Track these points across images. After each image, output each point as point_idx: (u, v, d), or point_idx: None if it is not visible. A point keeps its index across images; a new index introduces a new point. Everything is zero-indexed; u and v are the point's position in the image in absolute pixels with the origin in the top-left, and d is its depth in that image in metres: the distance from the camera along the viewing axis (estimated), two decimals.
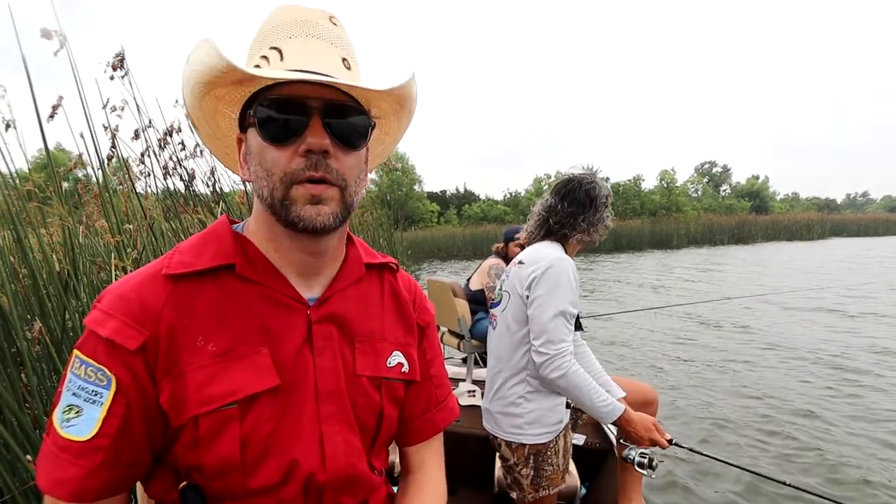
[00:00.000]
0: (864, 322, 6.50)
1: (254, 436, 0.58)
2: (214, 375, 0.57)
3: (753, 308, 7.70)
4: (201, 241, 0.63)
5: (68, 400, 0.55)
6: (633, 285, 11.08)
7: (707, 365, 4.86)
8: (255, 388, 0.58)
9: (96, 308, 0.57)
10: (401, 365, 0.72)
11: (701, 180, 45.88)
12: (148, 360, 0.55)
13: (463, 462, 2.20)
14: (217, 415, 0.56)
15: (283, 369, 0.60)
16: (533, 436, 1.49)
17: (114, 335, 0.54)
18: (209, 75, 0.56)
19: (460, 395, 2.80)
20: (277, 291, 0.62)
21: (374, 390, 0.68)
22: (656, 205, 34.83)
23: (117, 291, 0.57)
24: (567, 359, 1.39)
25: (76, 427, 0.53)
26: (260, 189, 0.59)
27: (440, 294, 3.18)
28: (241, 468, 0.58)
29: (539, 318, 1.41)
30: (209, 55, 0.54)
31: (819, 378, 4.42)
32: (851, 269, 12.65)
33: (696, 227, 27.83)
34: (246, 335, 0.59)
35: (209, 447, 0.56)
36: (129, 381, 0.55)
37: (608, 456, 2.26)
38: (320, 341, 0.64)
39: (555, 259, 1.45)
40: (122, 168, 1.86)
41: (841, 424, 3.50)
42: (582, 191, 1.56)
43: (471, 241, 24.32)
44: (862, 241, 26.63)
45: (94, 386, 0.54)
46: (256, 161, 0.59)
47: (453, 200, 38.99)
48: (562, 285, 1.42)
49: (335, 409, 0.64)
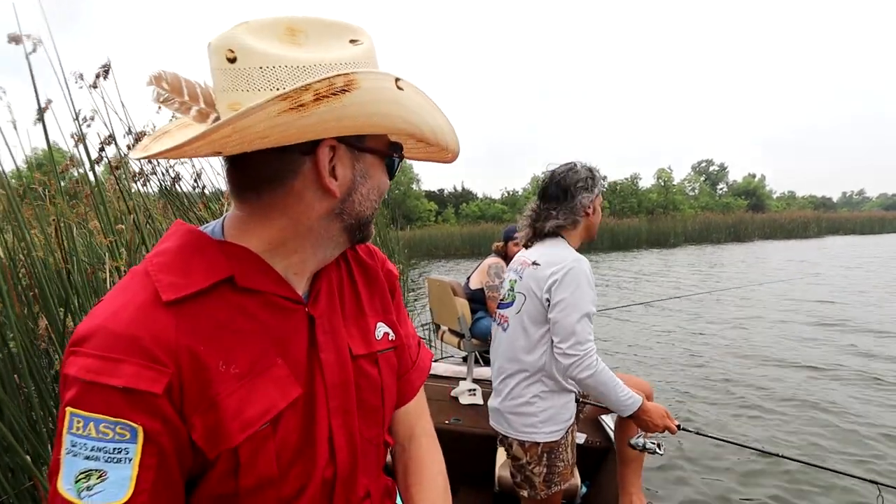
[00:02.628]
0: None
1: (285, 448, 0.59)
2: (245, 398, 0.55)
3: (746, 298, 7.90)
4: (182, 257, 0.57)
5: (81, 466, 0.47)
6: (630, 281, 11.13)
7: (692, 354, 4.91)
8: (283, 402, 0.58)
9: (82, 355, 0.49)
10: (387, 334, 0.74)
11: (698, 179, 46.08)
12: (174, 399, 0.51)
13: (463, 461, 2.20)
14: (256, 437, 0.55)
15: (298, 375, 0.60)
16: (546, 433, 1.52)
17: (132, 382, 0.48)
18: (431, 133, 0.60)
19: (460, 393, 2.80)
20: (276, 296, 0.60)
21: (372, 367, 0.70)
22: (653, 203, 34.88)
23: (114, 330, 0.49)
24: (594, 357, 1.43)
25: (105, 493, 0.47)
26: (364, 209, 0.63)
27: (440, 293, 3.18)
28: (279, 481, 0.58)
29: (565, 320, 1.44)
30: (442, 121, 0.61)
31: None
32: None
33: (693, 225, 27.87)
34: (259, 349, 0.58)
35: (249, 470, 0.55)
36: (159, 427, 0.49)
37: (608, 454, 2.26)
38: (322, 336, 0.64)
39: (573, 261, 1.48)
40: (110, 171, 1.85)
41: (845, 404, 3.66)
42: (554, 184, 1.60)
43: (468, 240, 24.29)
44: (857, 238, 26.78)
45: (115, 443, 0.48)
46: (373, 184, 0.63)
47: (451, 199, 38.99)
48: (582, 286, 1.45)
49: (340, 402, 0.64)
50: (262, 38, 0.53)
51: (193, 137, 0.47)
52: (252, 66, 0.51)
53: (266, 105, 0.46)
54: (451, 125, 0.64)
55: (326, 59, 0.53)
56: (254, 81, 0.51)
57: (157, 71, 0.54)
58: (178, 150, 0.50)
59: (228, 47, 0.52)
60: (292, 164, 0.56)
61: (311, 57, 0.53)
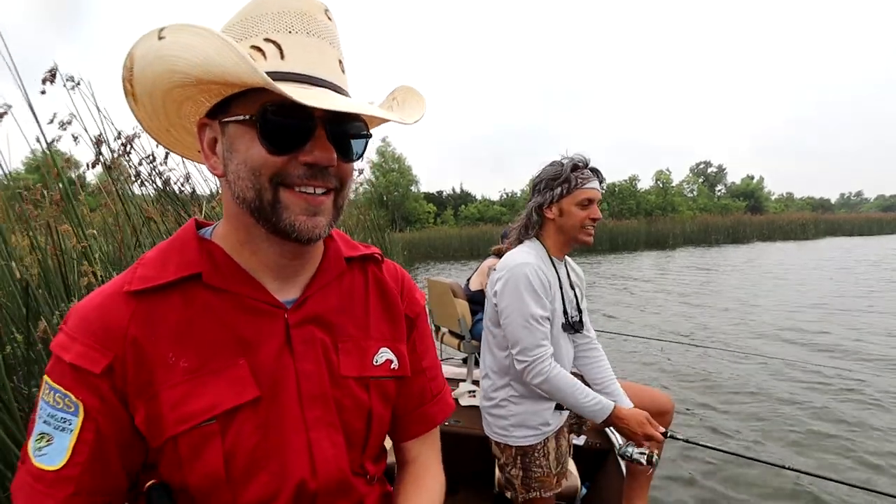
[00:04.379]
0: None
1: (238, 450, 0.56)
2: (189, 392, 0.55)
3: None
4: (165, 252, 0.60)
5: (40, 428, 0.53)
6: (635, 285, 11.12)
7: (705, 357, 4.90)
8: (233, 401, 0.56)
9: (62, 331, 0.55)
10: (389, 362, 0.69)
11: (696, 180, 46.10)
12: (115, 382, 0.53)
13: (463, 462, 2.20)
14: (196, 432, 0.54)
15: (262, 379, 0.58)
16: (518, 438, 1.51)
17: (77, 359, 0.52)
18: (208, 73, 0.49)
19: (460, 395, 2.80)
20: (250, 298, 0.59)
21: (361, 391, 0.66)
22: (652, 205, 34.93)
23: (80, 313, 0.55)
24: (546, 363, 1.40)
25: (47, 456, 0.52)
26: (241, 189, 0.54)
27: (440, 294, 3.18)
28: (228, 484, 0.56)
29: (509, 328, 1.44)
30: (224, 56, 0.46)
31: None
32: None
33: (691, 227, 27.94)
34: (219, 348, 0.57)
35: (192, 465, 0.55)
36: (98, 405, 0.53)
37: (608, 456, 2.26)
38: (300, 345, 0.61)
39: (513, 266, 1.45)
40: (107, 174, 1.84)
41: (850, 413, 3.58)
42: (533, 186, 1.58)
43: (467, 242, 24.28)
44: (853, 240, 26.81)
45: (63, 413, 0.52)
46: (240, 159, 0.54)
47: (450, 201, 38.98)
48: (522, 292, 1.42)
49: (321, 414, 0.61)
50: None
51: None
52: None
53: None
54: (244, 58, 0.46)
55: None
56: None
57: None
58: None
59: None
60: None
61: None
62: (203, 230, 0.64)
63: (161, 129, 0.63)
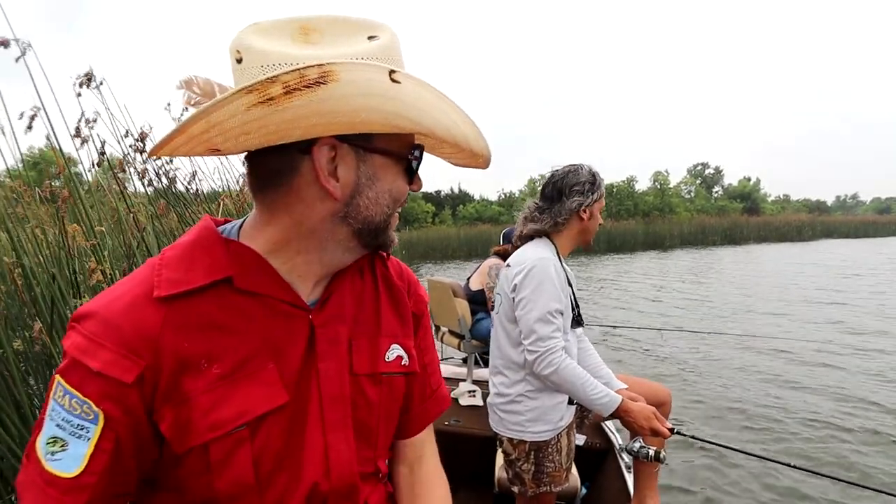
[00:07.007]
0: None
1: (265, 454, 0.57)
2: (221, 398, 0.54)
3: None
4: (190, 252, 0.57)
5: (52, 431, 0.51)
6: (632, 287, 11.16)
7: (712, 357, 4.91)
8: (264, 407, 0.56)
9: (78, 331, 0.51)
10: (400, 358, 0.70)
11: (693, 182, 46.26)
12: (145, 391, 0.51)
13: (463, 462, 2.20)
14: (228, 438, 0.54)
15: (289, 382, 0.58)
16: (534, 433, 1.53)
17: (106, 368, 0.49)
18: (418, 131, 0.53)
19: (460, 395, 2.80)
20: (278, 300, 0.59)
21: (373, 388, 0.66)
22: (649, 206, 34.99)
23: (105, 316, 0.51)
24: (557, 354, 1.42)
25: (61, 462, 0.50)
26: (373, 213, 0.59)
27: (440, 294, 3.18)
28: (257, 488, 0.56)
29: (525, 318, 1.46)
30: (469, 135, 0.57)
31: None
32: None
33: (688, 228, 28.06)
34: (250, 351, 0.56)
35: (221, 471, 0.54)
36: (120, 415, 0.50)
37: (608, 456, 2.27)
38: (324, 345, 0.61)
39: (536, 259, 1.49)
40: (110, 171, 1.84)
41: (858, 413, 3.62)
42: (551, 184, 1.61)
43: (465, 242, 24.25)
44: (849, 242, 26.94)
45: (80, 420, 0.50)
46: (384, 188, 0.59)
47: (448, 201, 38.91)
48: (543, 284, 1.46)
49: (339, 416, 0.62)
50: (270, 37, 0.52)
51: (172, 132, 0.46)
52: (254, 64, 0.51)
53: (233, 98, 0.44)
54: (475, 125, 0.58)
55: (328, 54, 0.50)
56: (255, 79, 0.48)
57: (188, 75, 0.54)
58: (166, 147, 0.49)
59: (236, 48, 0.52)
60: (292, 162, 0.54)
61: (312, 54, 0.50)
62: (222, 229, 0.63)
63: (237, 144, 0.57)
